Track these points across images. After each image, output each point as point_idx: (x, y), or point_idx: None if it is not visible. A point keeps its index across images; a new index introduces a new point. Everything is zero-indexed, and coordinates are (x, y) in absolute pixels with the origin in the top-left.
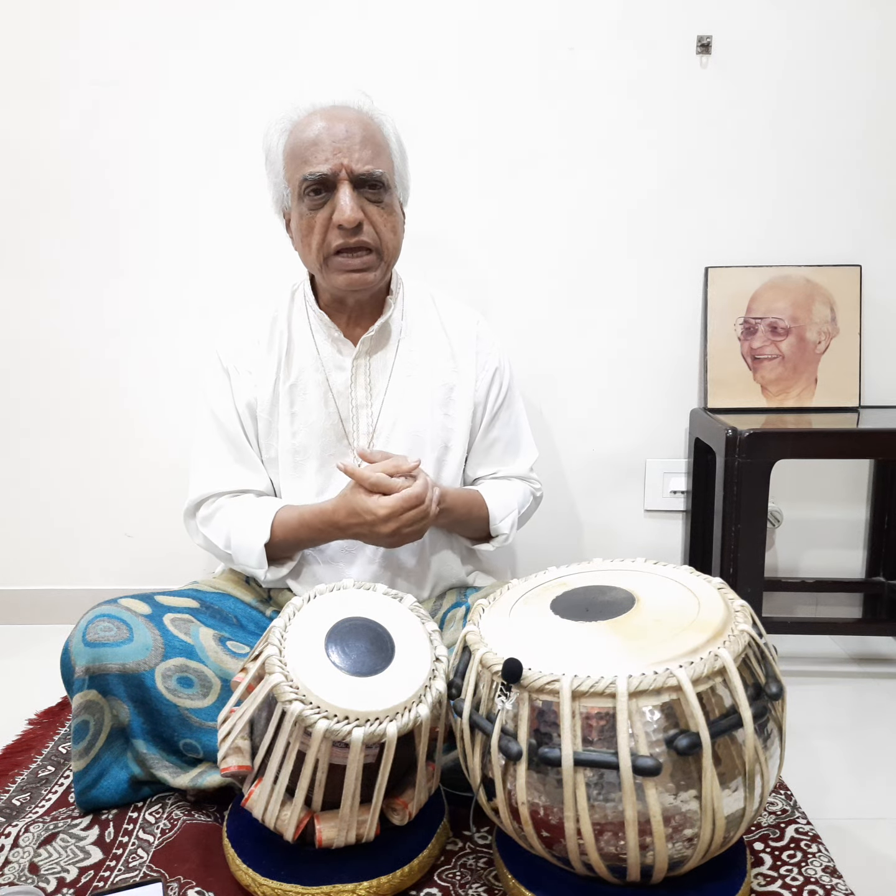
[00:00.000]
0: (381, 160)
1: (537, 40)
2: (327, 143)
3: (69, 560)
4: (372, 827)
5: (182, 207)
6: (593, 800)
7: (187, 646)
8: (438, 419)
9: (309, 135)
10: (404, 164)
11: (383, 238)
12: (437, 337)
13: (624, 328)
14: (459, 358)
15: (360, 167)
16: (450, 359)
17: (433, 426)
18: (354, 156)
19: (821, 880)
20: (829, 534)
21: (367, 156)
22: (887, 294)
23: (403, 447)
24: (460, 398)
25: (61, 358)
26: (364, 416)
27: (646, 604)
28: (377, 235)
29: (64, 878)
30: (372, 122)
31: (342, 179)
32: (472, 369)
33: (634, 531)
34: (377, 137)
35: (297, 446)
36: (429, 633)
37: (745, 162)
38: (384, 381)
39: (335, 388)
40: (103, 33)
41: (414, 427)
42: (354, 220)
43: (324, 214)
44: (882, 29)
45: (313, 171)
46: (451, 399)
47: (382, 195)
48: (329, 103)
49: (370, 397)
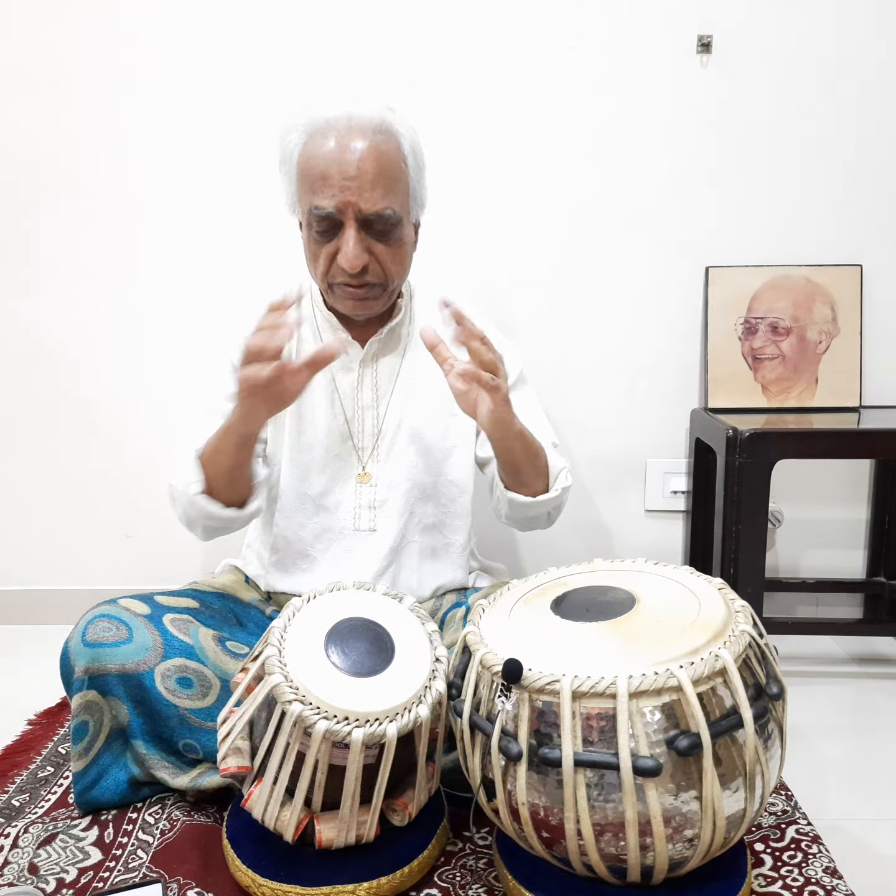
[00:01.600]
0: (393, 196)
1: (537, 39)
2: (336, 178)
3: (69, 560)
4: (372, 828)
5: (178, 205)
6: (594, 800)
7: (187, 646)
8: (444, 420)
9: (319, 162)
10: (421, 181)
11: (389, 273)
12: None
13: (624, 328)
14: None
15: (369, 207)
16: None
17: (439, 427)
18: (364, 195)
19: (821, 881)
20: (829, 534)
21: (378, 195)
22: (888, 294)
23: (408, 448)
24: None
25: (60, 357)
26: (370, 417)
27: (646, 604)
28: (383, 272)
29: (63, 878)
30: (388, 145)
31: (349, 219)
32: None
33: (635, 531)
34: (391, 167)
35: (302, 445)
36: (429, 634)
37: (746, 161)
38: (390, 383)
39: (341, 389)
40: (97, 32)
41: (419, 429)
42: (358, 267)
43: (329, 249)
44: (882, 29)
45: (320, 205)
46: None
47: (391, 232)
48: (345, 117)
49: (376, 399)
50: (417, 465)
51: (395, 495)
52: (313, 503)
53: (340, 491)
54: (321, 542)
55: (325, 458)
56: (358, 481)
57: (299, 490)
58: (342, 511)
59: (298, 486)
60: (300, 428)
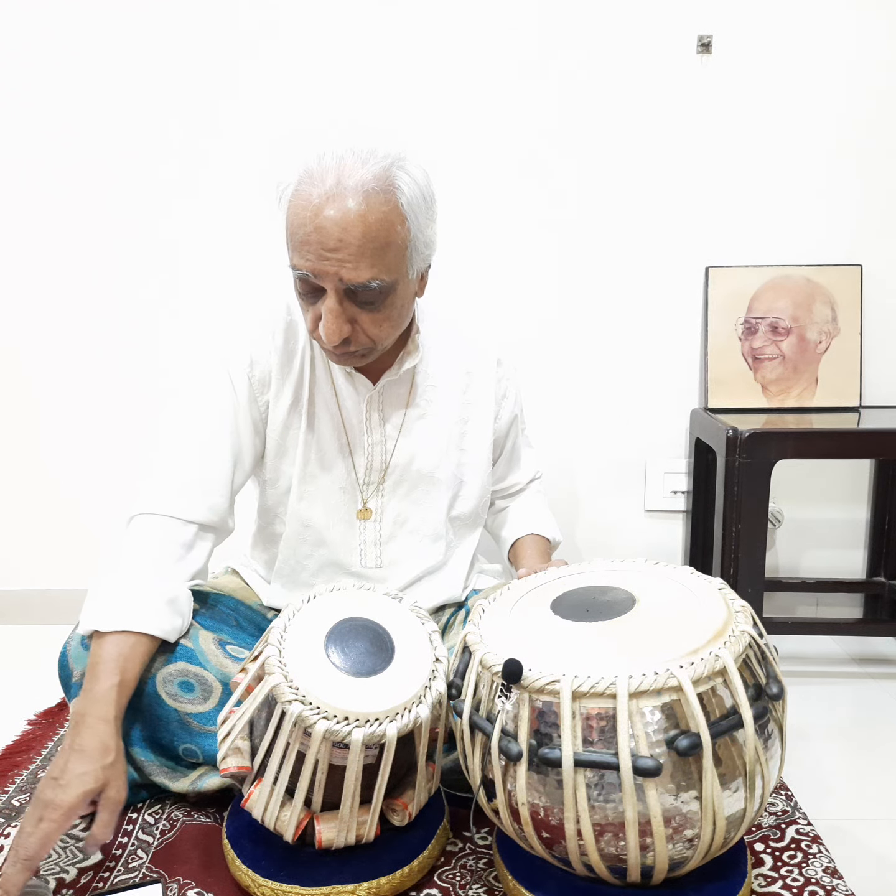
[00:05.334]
0: (382, 265)
1: (537, 38)
2: (314, 246)
3: (69, 560)
4: (372, 828)
5: (169, 209)
6: (594, 800)
7: (187, 650)
8: (454, 456)
9: (302, 224)
10: (426, 232)
11: (376, 339)
12: (456, 370)
13: (624, 328)
14: (478, 389)
15: (352, 279)
16: (466, 390)
17: (448, 464)
18: (346, 265)
19: (821, 881)
20: (829, 534)
21: (364, 266)
22: (888, 294)
23: (416, 484)
24: (476, 430)
25: (58, 358)
26: (378, 452)
27: (646, 604)
28: (368, 338)
29: (63, 878)
30: (383, 208)
31: (329, 287)
32: (490, 398)
33: (635, 531)
34: (382, 233)
35: (308, 475)
36: (429, 634)
37: (746, 161)
38: (399, 418)
39: (348, 422)
40: (89, 31)
41: (428, 465)
42: (336, 341)
43: (314, 312)
44: (882, 29)
45: (299, 267)
46: (465, 433)
47: (378, 301)
48: (335, 169)
49: (384, 434)
50: (426, 501)
51: (402, 532)
52: (317, 536)
53: (345, 526)
54: (325, 575)
55: (330, 489)
56: (358, 517)
57: (304, 521)
58: (346, 546)
59: (303, 516)
60: (306, 457)
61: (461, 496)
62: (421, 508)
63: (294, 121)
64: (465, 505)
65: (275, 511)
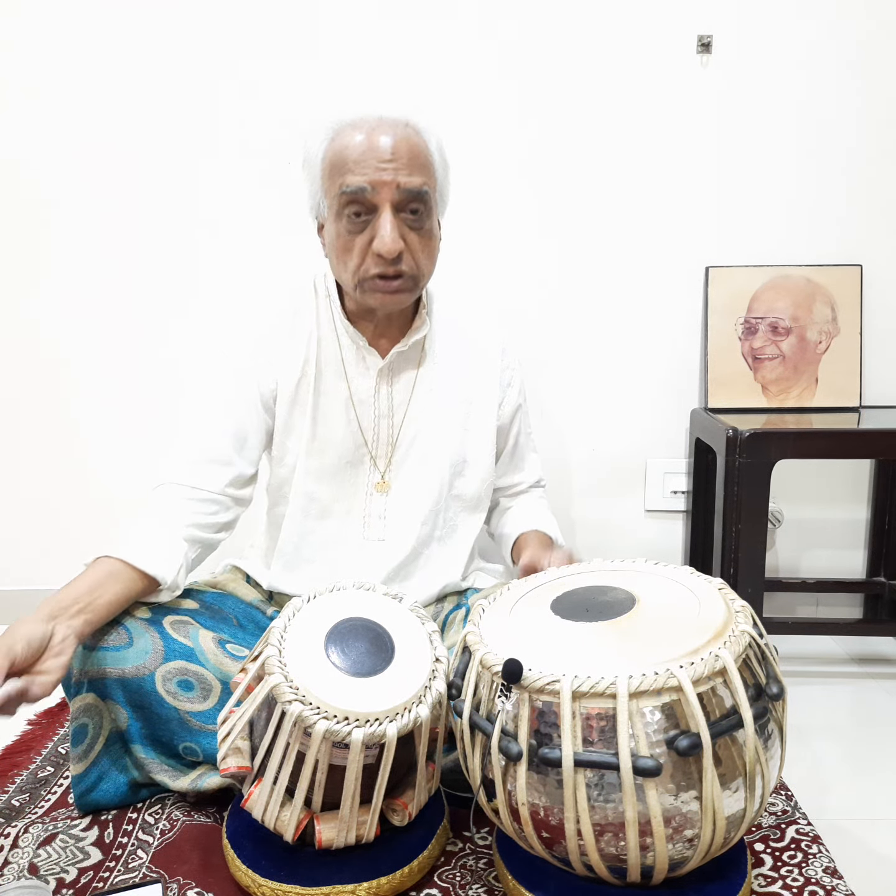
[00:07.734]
0: (428, 177)
1: (537, 38)
2: (371, 161)
3: (69, 560)
4: (372, 828)
5: (176, 205)
6: (594, 800)
7: (187, 649)
8: (458, 434)
9: (351, 148)
10: (446, 178)
11: (421, 266)
12: (462, 351)
13: (624, 328)
14: (483, 372)
15: (407, 182)
16: (472, 373)
17: (452, 441)
18: (402, 172)
19: (821, 881)
20: (829, 534)
21: (416, 173)
22: (888, 294)
23: (422, 460)
24: (480, 412)
25: (57, 357)
26: (385, 427)
27: (646, 604)
28: (415, 264)
29: (63, 878)
30: (419, 138)
31: (384, 200)
32: (495, 384)
33: (635, 531)
34: (423, 155)
35: (315, 450)
36: (429, 634)
37: (746, 161)
38: (407, 393)
39: (356, 397)
40: (99, 31)
41: (433, 441)
42: (395, 251)
43: (363, 239)
44: (882, 29)
45: (352, 182)
46: (469, 413)
47: (423, 220)
48: (375, 116)
49: (392, 408)
50: (429, 477)
51: (406, 507)
52: (323, 509)
53: (351, 499)
54: (328, 549)
55: (338, 465)
56: (377, 490)
57: (310, 495)
58: (352, 519)
59: (309, 491)
60: (314, 433)
61: (464, 475)
62: (425, 482)
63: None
64: (467, 486)
65: (280, 491)
